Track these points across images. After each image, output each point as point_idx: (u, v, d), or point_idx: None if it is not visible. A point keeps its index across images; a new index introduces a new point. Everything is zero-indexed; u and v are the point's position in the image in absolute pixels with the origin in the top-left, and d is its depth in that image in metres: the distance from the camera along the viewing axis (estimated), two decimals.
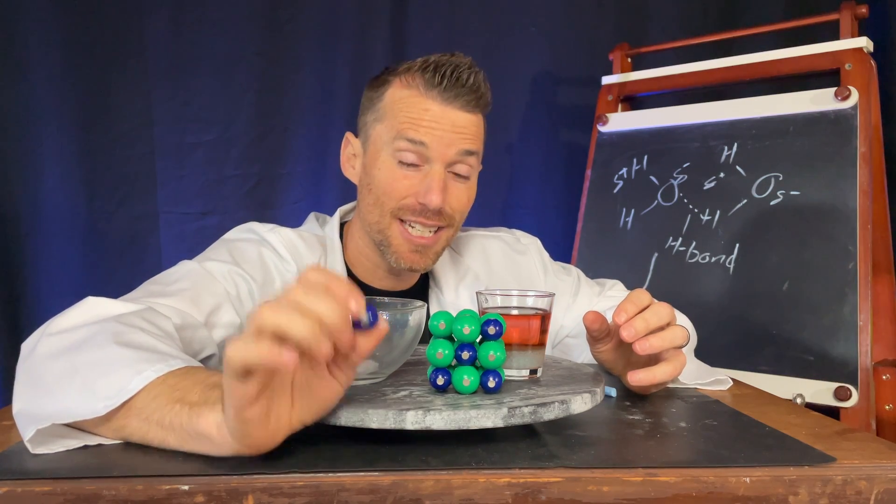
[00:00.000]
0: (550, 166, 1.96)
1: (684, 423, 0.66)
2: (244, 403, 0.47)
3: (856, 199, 1.37)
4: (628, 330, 0.67)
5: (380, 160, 0.92)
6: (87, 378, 0.55)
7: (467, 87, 0.89)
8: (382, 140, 0.92)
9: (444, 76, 0.88)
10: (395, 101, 0.91)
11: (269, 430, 0.49)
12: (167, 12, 1.76)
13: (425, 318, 0.65)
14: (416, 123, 0.88)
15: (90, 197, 1.74)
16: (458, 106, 0.89)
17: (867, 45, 1.45)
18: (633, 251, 1.67)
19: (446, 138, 0.89)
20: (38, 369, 0.58)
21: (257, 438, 0.49)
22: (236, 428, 0.48)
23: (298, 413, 0.51)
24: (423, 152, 0.89)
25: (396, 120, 0.90)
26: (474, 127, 0.92)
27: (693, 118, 1.65)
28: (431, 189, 0.88)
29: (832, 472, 0.53)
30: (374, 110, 0.94)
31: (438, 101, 0.89)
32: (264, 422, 0.49)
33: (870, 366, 1.29)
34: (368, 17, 1.85)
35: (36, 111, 1.69)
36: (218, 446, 0.51)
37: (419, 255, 0.93)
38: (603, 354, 0.78)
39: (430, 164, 0.90)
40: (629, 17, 1.94)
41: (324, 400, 0.52)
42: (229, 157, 1.81)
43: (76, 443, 0.55)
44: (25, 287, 1.70)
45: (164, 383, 0.54)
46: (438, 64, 0.89)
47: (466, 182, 0.94)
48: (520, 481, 0.50)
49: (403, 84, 0.91)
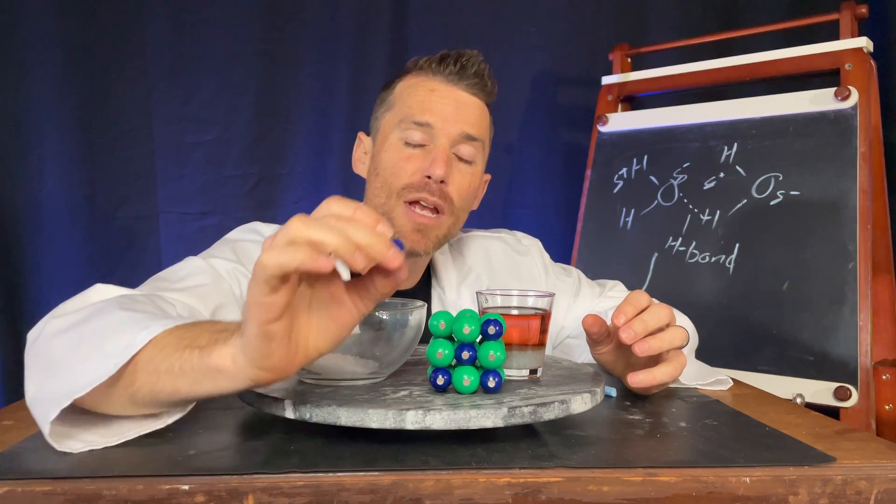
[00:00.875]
0: (550, 166, 1.96)
1: (684, 423, 0.66)
2: (271, 316, 0.46)
3: (856, 199, 1.37)
4: (627, 332, 0.67)
5: (387, 143, 0.96)
6: (94, 344, 0.55)
7: (472, 72, 0.95)
8: (390, 125, 0.96)
9: (451, 62, 0.95)
10: (404, 89, 0.97)
11: (290, 352, 0.49)
12: (167, 12, 1.76)
13: (425, 317, 0.65)
14: (423, 105, 0.94)
15: (90, 197, 1.74)
16: (463, 87, 0.95)
17: (867, 45, 1.45)
18: (633, 251, 1.67)
19: (451, 116, 0.94)
20: (46, 348, 0.58)
21: (278, 360, 0.48)
22: (257, 347, 0.47)
23: (316, 337, 0.50)
24: (429, 132, 0.94)
25: (405, 105, 0.95)
26: (478, 110, 0.97)
27: (693, 118, 1.65)
28: (436, 160, 0.92)
29: (832, 472, 0.53)
30: (386, 103, 0.99)
31: (444, 81, 0.95)
32: (286, 340, 0.48)
33: (870, 366, 1.29)
34: (368, 17, 1.85)
35: (36, 111, 1.69)
36: (233, 378, 0.50)
37: (420, 234, 0.94)
38: (603, 356, 0.78)
39: (435, 141, 0.94)
40: (629, 17, 1.94)
41: (341, 325, 0.52)
42: (229, 157, 1.81)
43: (101, 441, 0.54)
44: (25, 287, 1.70)
45: (170, 335, 0.54)
46: (446, 54, 0.96)
47: (469, 168, 0.97)
48: (520, 481, 0.50)
49: (413, 76, 0.98)
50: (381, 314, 0.62)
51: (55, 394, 0.53)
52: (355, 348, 0.62)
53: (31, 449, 0.55)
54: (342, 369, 0.62)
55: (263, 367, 0.48)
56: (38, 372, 0.58)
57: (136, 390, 0.53)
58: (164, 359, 0.52)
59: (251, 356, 0.48)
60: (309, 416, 0.54)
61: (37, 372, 0.58)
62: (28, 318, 1.69)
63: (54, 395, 0.53)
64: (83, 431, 0.55)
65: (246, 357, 0.48)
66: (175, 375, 0.52)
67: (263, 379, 0.49)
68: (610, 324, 0.75)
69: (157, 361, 0.52)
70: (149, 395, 0.54)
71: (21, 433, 0.60)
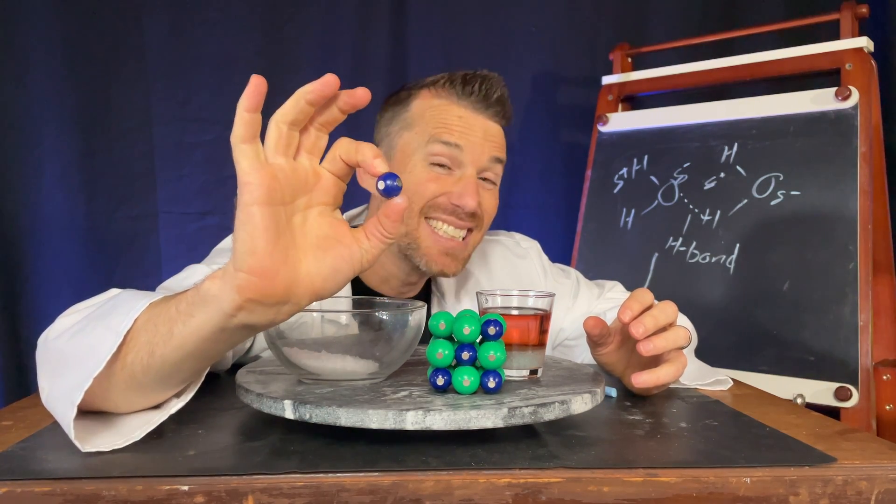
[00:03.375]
0: (550, 166, 1.96)
1: (685, 424, 0.66)
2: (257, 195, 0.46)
3: (856, 199, 1.37)
4: (637, 327, 0.67)
5: (411, 163, 0.93)
6: (99, 324, 0.55)
7: (496, 99, 0.94)
8: (413, 146, 0.94)
9: (475, 88, 0.93)
10: (426, 108, 0.94)
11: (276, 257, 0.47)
12: (167, 12, 1.76)
13: (425, 318, 0.65)
14: (450, 128, 0.92)
15: (90, 197, 1.74)
16: (489, 116, 0.95)
17: (867, 44, 1.45)
18: (634, 251, 1.67)
19: (479, 144, 0.93)
20: (55, 345, 0.58)
21: (262, 257, 0.46)
22: (241, 238, 0.46)
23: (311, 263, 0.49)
24: (457, 155, 0.92)
25: (430, 125, 0.93)
26: (501, 137, 0.97)
27: (693, 118, 1.65)
28: (467, 192, 0.91)
29: (833, 473, 0.53)
30: (400, 120, 0.96)
31: (470, 109, 0.94)
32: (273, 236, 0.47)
33: (870, 366, 1.29)
34: (368, 17, 1.85)
35: (36, 111, 1.69)
36: (224, 298, 0.47)
37: (450, 258, 0.94)
38: (604, 357, 0.78)
39: (463, 169, 0.93)
40: (629, 17, 1.94)
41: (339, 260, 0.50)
42: (229, 157, 1.77)
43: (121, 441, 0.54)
44: (25, 287, 1.70)
45: (164, 299, 0.54)
46: (468, 76, 0.94)
47: (494, 188, 0.98)
48: (520, 481, 0.50)
49: (433, 94, 0.95)
50: (381, 314, 0.62)
51: (69, 385, 0.53)
52: (355, 348, 0.62)
53: (30, 449, 0.55)
54: (342, 369, 0.62)
55: (247, 267, 0.46)
56: (49, 368, 0.58)
57: (136, 354, 0.52)
58: (158, 314, 0.52)
59: (236, 253, 0.47)
60: (309, 417, 0.54)
61: (48, 369, 0.58)
62: (28, 319, 1.69)
63: (69, 386, 0.53)
64: (91, 434, 0.55)
65: (233, 263, 0.47)
66: (170, 321, 0.51)
67: (250, 287, 0.46)
68: (611, 324, 0.75)
69: (151, 322, 0.52)
70: (148, 354, 0.52)
71: (21, 433, 0.60)
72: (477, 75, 0.94)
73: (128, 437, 0.55)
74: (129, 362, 0.53)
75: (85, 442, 0.53)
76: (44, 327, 0.62)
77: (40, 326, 0.64)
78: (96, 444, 0.53)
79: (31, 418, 0.65)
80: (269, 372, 0.67)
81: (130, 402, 0.57)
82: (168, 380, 0.55)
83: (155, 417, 0.57)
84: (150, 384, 0.55)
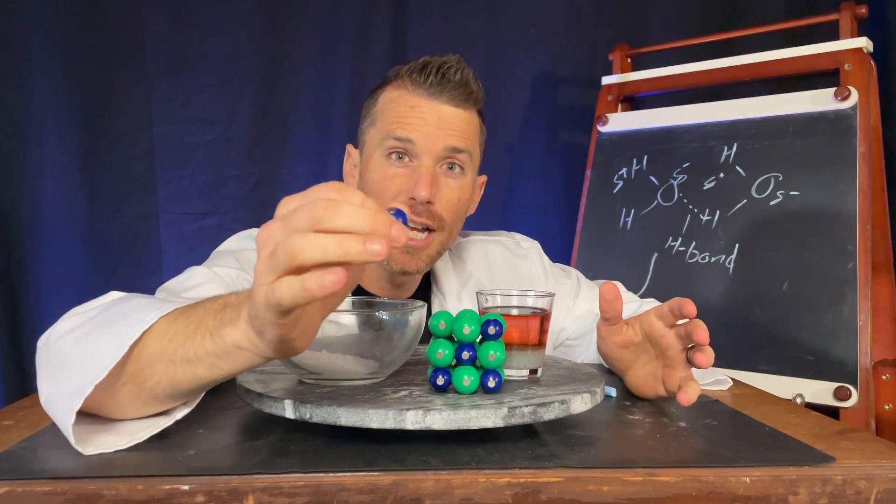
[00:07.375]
0: (550, 166, 1.97)
1: (684, 423, 0.66)
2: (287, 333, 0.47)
3: (855, 200, 1.37)
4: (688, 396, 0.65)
5: (372, 161, 0.94)
6: (106, 331, 0.54)
7: (454, 82, 0.91)
8: (374, 142, 0.94)
9: (431, 73, 0.91)
10: (387, 103, 0.94)
11: (308, 335, 0.50)
12: (167, 12, 1.76)
13: (425, 318, 0.65)
14: (404, 121, 0.91)
15: (90, 197, 1.74)
16: (445, 100, 0.92)
17: (867, 45, 1.45)
18: (633, 251, 1.67)
19: (433, 133, 0.91)
20: (57, 346, 0.57)
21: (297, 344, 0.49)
22: (280, 349, 0.49)
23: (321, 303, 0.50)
24: (411, 149, 0.91)
25: (387, 121, 0.93)
26: (463, 123, 0.93)
27: (693, 118, 1.65)
28: (419, 182, 0.90)
29: (832, 472, 0.53)
30: (369, 116, 0.97)
31: (425, 96, 0.92)
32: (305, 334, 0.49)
33: (869, 366, 1.29)
34: (368, 17, 1.85)
35: (36, 111, 1.70)
36: (254, 355, 0.50)
37: (409, 256, 0.94)
38: (609, 347, 0.75)
39: (419, 159, 0.92)
40: (629, 17, 1.94)
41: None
42: (229, 157, 1.81)
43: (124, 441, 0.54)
44: (26, 287, 1.70)
45: (176, 321, 0.53)
46: (426, 63, 0.92)
47: (458, 180, 0.95)
48: (520, 481, 0.50)
49: (394, 87, 0.95)
50: (381, 314, 0.62)
51: (69, 389, 0.52)
52: (355, 348, 0.62)
53: (31, 449, 0.55)
54: (342, 369, 0.62)
55: (283, 351, 0.49)
56: (50, 371, 0.57)
57: (156, 384, 0.53)
58: (177, 348, 0.52)
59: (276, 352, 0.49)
60: (309, 416, 0.54)
61: (49, 371, 0.57)
62: (28, 319, 1.69)
63: (69, 391, 0.52)
64: (93, 434, 0.54)
65: (264, 342, 0.49)
66: (192, 363, 0.52)
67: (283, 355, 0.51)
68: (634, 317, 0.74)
69: (170, 351, 0.52)
70: (169, 387, 0.53)
71: (21, 433, 0.60)
72: (433, 61, 0.92)
73: (132, 438, 0.54)
74: (144, 385, 0.53)
75: (86, 444, 0.53)
76: (44, 327, 0.62)
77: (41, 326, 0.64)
78: (99, 446, 0.53)
79: (32, 418, 0.65)
80: (270, 372, 0.67)
81: (135, 411, 0.56)
82: (182, 398, 0.56)
83: (161, 421, 0.56)
84: (169, 401, 0.56)
